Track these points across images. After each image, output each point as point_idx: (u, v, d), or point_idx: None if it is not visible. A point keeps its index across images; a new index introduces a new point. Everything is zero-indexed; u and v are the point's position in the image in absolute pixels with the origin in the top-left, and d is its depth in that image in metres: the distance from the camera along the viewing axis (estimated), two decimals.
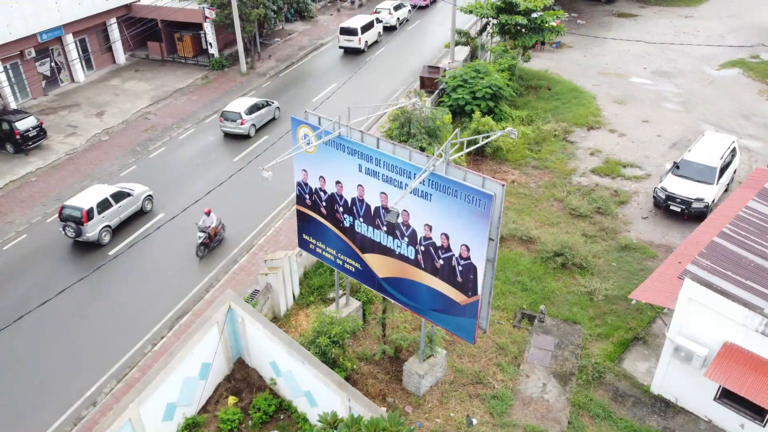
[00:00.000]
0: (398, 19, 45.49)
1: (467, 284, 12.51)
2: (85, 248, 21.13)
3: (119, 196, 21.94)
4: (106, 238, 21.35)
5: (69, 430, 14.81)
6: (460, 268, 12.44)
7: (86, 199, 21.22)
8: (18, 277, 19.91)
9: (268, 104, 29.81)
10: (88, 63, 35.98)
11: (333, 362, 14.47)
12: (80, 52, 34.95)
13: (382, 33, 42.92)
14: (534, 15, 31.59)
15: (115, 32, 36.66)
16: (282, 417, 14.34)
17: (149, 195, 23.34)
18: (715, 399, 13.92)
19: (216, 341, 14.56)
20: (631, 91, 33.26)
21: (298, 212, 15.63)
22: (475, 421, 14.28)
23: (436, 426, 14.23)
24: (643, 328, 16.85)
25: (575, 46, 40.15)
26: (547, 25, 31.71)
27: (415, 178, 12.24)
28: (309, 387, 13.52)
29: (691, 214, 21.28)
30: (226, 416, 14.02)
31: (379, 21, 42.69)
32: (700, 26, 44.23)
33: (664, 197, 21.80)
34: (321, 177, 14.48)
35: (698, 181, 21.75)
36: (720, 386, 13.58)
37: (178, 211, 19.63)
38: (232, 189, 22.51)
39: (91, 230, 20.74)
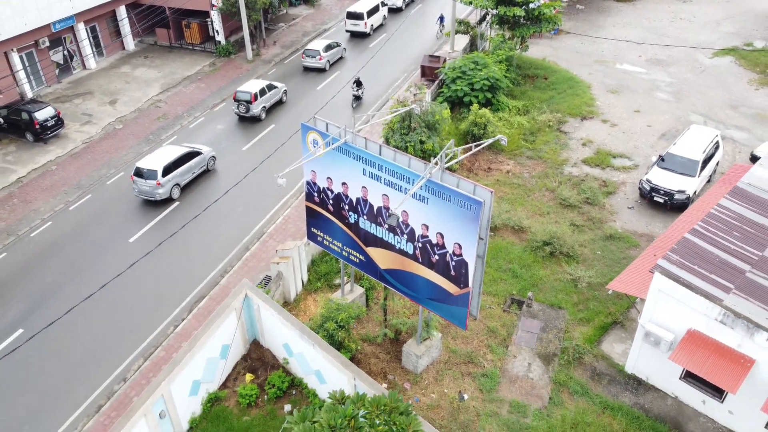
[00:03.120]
0: (404, 0, 46.34)
1: (459, 277, 14.05)
2: (107, 238, 22.67)
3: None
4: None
5: (104, 402, 16.56)
6: (453, 263, 13.96)
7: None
8: (46, 264, 21.51)
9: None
10: (98, 50, 37.07)
11: (339, 344, 16.12)
12: (91, 40, 36.04)
13: (386, 16, 43.83)
14: (532, 5, 32.52)
15: (124, 20, 37.61)
16: (294, 392, 16.06)
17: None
18: (680, 378, 15.58)
19: (234, 325, 16.21)
20: (626, 79, 34.34)
21: (308, 208, 17.11)
22: (466, 397, 15.99)
23: (432, 401, 15.94)
24: (621, 313, 18.45)
25: (573, 32, 40.96)
26: (544, 15, 32.64)
27: (413, 182, 13.68)
28: (319, 367, 15.20)
29: (674, 205, 22.71)
30: (244, 391, 15.75)
31: (384, 4, 43.54)
32: (697, 12, 44.89)
33: (648, 189, 23.21)
34: (328, 178, 15.91)
35: (681, 174, 23.13)
36: (684, 368, 15.22)
37: (200, 201, 21.11)
38: (244, 181, 23.87)
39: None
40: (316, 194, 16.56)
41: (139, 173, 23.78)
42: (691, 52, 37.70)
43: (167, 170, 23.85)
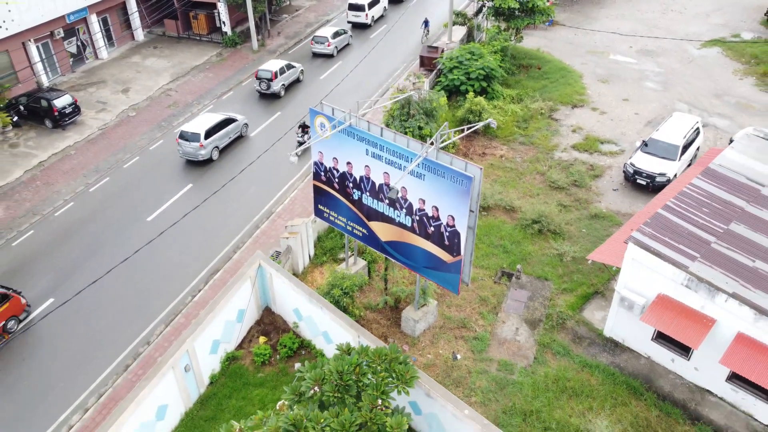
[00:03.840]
0: None
1: (453, 246, 15.67)
2: (126, 217, 24.28)
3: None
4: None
5: (130, 362, 18.26)
6: (447, 233, 15.58)
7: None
8: (71, 241, 23.14)
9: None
10: (110, 41, 38.52)
11: (344, 310, 17.76)
12: (103, 31, 37.49)
13: (387, 8, 45.26)
14: None
15: (135, 13, 39.04)
16: (303, 353, 17.74)
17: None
18: (652, 339, 17.25)
19: (249, 292, 17.87)
20: (616, 69, 35.83)
21: (315, 187, 18.71)
22: (459, 356, 17.68)
23: (428, 360, 17.63)
24: (602, 284, 20.10)
25: (568, 24, 42.37)
26: (538, 7, 34.09)
27: (411, 161, 15.26)
28: (326, 328, 16.87)
29: (655, 187, 24.29)
30: (258, 351, 17.44)
31: None
32: (688, 3, 46.21)
33: (632, 172, 24.81)
34: (334, 158, 17.50)
35: (662, 158, 24.72)
36: (655, 329, 16.90)
37: (211, 185, 22.68)
38: (254, 164, 25.41)
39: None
40: (323, 173, 18.15)
41: (183, 136, 26.70)
42: (680, 43, 39.14)
43: (208, 134, 26.90)
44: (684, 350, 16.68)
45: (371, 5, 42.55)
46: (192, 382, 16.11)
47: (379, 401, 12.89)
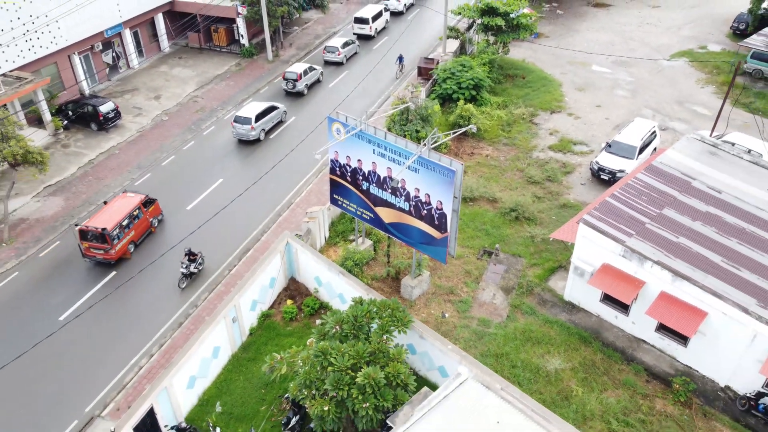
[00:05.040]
0: (405, 4, 52.34)
1: (441, 225, 20.07)
2: (168, 208, 28.68)
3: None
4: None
5: (183, 320, 22.68)
6: (437, 215, 19.99)
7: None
8: None
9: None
10: (139, 52, 42.93)
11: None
12: (134, 43, 41.90)
13: (389, 20, 49.76)
14: (512, 15, 38.38)
15: (161, 25, 43.47)
16: (323, 311, 22.15)
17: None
18: (600, 301, 21.68)
19: (279, 264, 22.31)
20: (592, 78, 40.28)
21: (331, 180, 23.12)
22: (447, 315, 22.11)
23: (422, 318, 22.02)
24: (565, 260, 24.51)
25: (552, 36, 46.83)
26: (522, 24, 38.51)
27: (409, 158, 19.67)
28: (341, 290, 21.30)
29: (616, 182, 28.69)
30: (287, 310, 21.88)
31: (386, 9, 49.53)
32: (663, 17, 50.70)
33: (597, 169, 29.25)
34: (347, 156, 21.91)
35: (623, 157, 29.16)
36: (602, 292, 21.33)
37: (238, 179, 27.03)
38: (273, 164, 29.75)
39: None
40: (338, 169, 22.58)
41: (237, 120, 32.88)
42: (651, 54, 43.60)
43: (258, 117, 32.95)
44: (624, 308, 21.13)
45: (375, 18, 47.04)
46: (237, 331, 20.55)
47: (384, 337, 17.39)
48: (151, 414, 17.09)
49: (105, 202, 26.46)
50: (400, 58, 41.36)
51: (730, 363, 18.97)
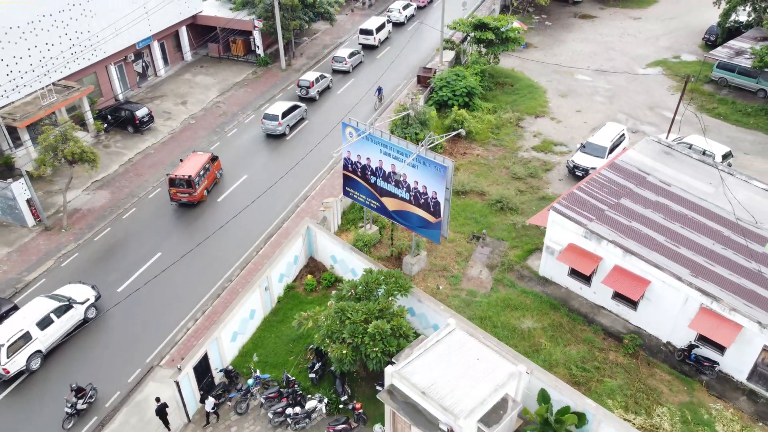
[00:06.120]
0: (406, 16, 56.88)
1: (436, 212, 24.49)
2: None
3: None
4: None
5: (220, 292, 27.13)
6: (432, 203, 24.42)
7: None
8: (164, 213, 32.00)
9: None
10: (165, 61, 47.41)
11: None
12: (161, 53, 46.39)
13: (391, 31, 54.27)
14: (502, 29, 42.83)
15: (185, 36, 47.97)
16: (338, 284, 26.56)
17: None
18: (567, 275, 26.14)
19: (301, 245, 26.76)
20: (574, 86, 44.72)
21: (344, 175, 27.54)
22: (441, 287, 26.56)
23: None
24: (541, 243, 28.93)
25: (540, 47, 51.30)
26: (511, 37, 42.96)
27: (409, 156, 24.11)
28: (353, 266, 25.74)
29: None
30: (308, 282, 26.35)
31: (389, 21, 54.07)
32: (642, 28, 55.15)
33: (572, 166, 33.71)
34: (358, 155, 26.34)
35: (595, 156, 33.62)
36: (569, 267, 25.78)
37: (261, 176, 31.46)
38: (292, 162, 34.07)
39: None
40: (350, 165, 27.02)
41: (266, 117, 38.21)
42: (629, 63, 48.04)
43: (284, 114, 38.19)
44: (587, 280, 25.59)
45: (378, 30, 51.54)
46: (268, 298, 25.02)
47: (390, 299, 21.87)
48: (205, 359, 21.54)
49: (181, 160, 33.74)
50: (379, 90, 42.07)
51: (669, 322, 23.43)
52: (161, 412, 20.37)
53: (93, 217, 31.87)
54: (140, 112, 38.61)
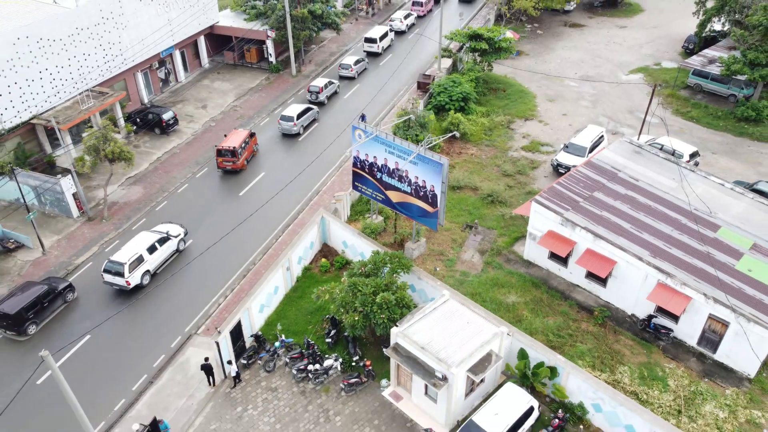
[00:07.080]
0: (407, 25, 60.90)
1: (433, 202, 28.45)
2: (223, 194, 37.09)
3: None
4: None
5: (245, 273, 31.10)
6: (430, 195, 28.38)
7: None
8: (193, 207, 35.97)
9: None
10: (185, 68, 51.40)
11: None
12: (182, 61, 50.40)
13: (393, 39, 58.28)
14: (495, 39, 46.78)
15: (203, 45, 51.97)
16: (349, 266, 30.55)
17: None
18: (548, 258, 30.12)
19: (316, 232, 30.76)
20: (562, 91, 48.68)
21: (354, 171, 31.50)
22: (438, 269, 30.54)
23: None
24: (526, 231, 32.91)
25: (531, 54, 55.26)
26: (503, 47, 46.95)
27: (410, 155, 28.08)
28: (362, 250, 29.72)
29: None
30: (322, 264, 30.34)
31: (392, 30, 58.10)
32: (628, 36, 59.10)
33: (556, 165, 37.70)
34: (366, 154, 30.31)
35: (576, 155, 37.59)
36: (548, 251, 29.75)
37: (277, 173, 35.43)
38: (305, 161, 38.05)
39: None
40: (359, 163, 30.99)
41: (283, 118, 42.53)
42: (613, 70, 52.00)
43: (299, 116, 42.61)
44: (564, 262, 29.57)
45: (382, 38, 55.55)
46: (289, 277, 29.02)
47: (394, 275, 25.86)
48: (238, 325, 25.53)
49: (225, 135, 40.03)
50: (363, 117, 42.06)
51: (633, 296, 27.41)
52: (208, 368, 24.34)
53: (129, 209, 35.86)
54: (166, 115, 42.59)
